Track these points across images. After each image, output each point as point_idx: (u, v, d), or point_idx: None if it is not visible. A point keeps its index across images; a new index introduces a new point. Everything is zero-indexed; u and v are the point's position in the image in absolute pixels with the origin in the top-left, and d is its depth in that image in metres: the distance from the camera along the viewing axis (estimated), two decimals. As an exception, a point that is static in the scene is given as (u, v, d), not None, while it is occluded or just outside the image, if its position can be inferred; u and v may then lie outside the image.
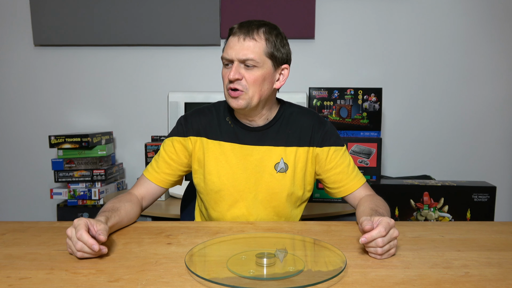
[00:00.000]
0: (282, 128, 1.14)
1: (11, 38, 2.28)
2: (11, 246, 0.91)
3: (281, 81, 1.11)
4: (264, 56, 1.04)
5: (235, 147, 1.13)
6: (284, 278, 0.73)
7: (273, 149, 1.13)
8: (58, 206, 2.09)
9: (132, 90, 2.31)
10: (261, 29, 1.05)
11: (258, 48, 1.03)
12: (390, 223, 0.84)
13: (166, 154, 1.16)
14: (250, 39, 1.03)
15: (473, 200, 1.62)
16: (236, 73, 1.03)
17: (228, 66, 1.07)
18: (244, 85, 1.04)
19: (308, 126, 1.15)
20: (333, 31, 2.24)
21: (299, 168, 1.14)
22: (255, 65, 1.03)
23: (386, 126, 2.29)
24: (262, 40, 1.04)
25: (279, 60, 1.08)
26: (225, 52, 1.06)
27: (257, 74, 1.04)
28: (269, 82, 1.07)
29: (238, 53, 1.03)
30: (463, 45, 2.24)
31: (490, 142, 2.29)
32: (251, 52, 1.03)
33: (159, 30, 2.23)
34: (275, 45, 1.06)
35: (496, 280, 0.74)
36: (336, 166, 1.14)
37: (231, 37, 1.06)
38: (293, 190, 1.14)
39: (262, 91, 1.06)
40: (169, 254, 0.85)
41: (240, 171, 1.12)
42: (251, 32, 1.04)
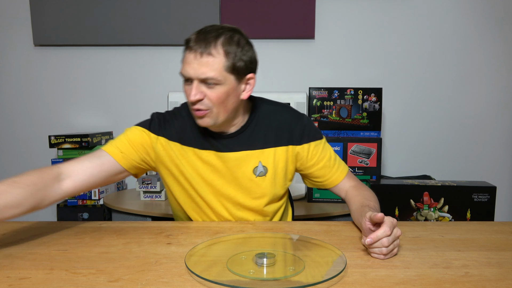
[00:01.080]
0: (257, 130, 1.09)
1: (11, 38, 2.29)
2: (11, 246, 0.91)
3: (248, 91, 1.03)
4: (225, 72, 0.96)
5: (211, 154, 1.07)
6: (284, 278, 0.73)
7: (249, 154, 1.08)
8: (58, 206, 2.09)
9: (132, 90, 2.31)
10: (219, 41, 0.95)
11: (217, 64, 0.94)
12: (394, 222, 0.84)
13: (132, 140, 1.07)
14: (208, 55, 0.94)
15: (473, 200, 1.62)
16: (197, 94, 0.96)
17: (188, 83, 0.98)
18: (207, 104, 0.97)
19: (285, 123, 1.10)
20: (333, 31, 2.24)
21: (280, 168, 1.10)
22: (216, 83, 0.95)
23: (386, 126, 2.29)
24: (221, 54, 0.94)
25: (242, 71, 0.99)
26: (183, 68, 0.97)
27: (220, 92, 0.96)
28: (234, 96, 0.99)
29: (197, 72, 0.94)
30: (463, 45, 2.24)
31: (490, 142, 2.29)
32: (210, 70, 0.94)
33: (159, 30, 2.23)
34: (236, 56, 0.96)
35: (496, 280, 0.74)
36: (318, 161, 1.12)
37: (187, 51, 0.96)
38: (275, 192, 1.11)
39: (228, 107, 1.00)
40: (169, 254, 0.85)
41: (218, 179, 1.08)
42: (208, 46, 0.94)
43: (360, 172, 1.93)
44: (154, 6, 2.21)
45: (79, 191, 1.01)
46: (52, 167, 0.98)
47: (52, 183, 0.95)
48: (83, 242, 0.93)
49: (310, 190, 1.96)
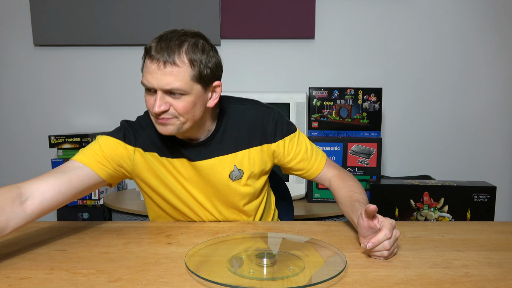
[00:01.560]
0: (227, 134, 1.05)
1: (11, 38, 2.28)
2: (11, 246, 0.91)
3: (215, 99, 0.98)
4: (191, 82, 0.91)
5: (184, 162, 1.03)
6: (284, 278, 0.73)
7: (222, 159, 1.04)
8: (58, 206, 2.09)
9: (132, 90, 2.31)
10: (183, 49, 0.90)
11: (183, 74, 0.89)
12: (393, 223, 0.84)
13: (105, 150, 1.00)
14: (172, 65, 0.88)
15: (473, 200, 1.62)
16: (161, 105, 0.90)
17: (150, 93, 0.93)
18: (173, 113, 0.92)
19: (255, 122, 1.06)
20: (333, 31, 2.24)
21: (257, 168, 1.08)
22: (182, 93, 0.90)
23: (386, 126, 2.29)
24: (186, 64, 0.90)
25: (209, 79, 0.95)
26: (145, 78, 0.91)
27: (186, 101, 0.91)
28: (201, 104, 0.95)
29: (161, 83, 0.89)
30: (463, 45, 2.24)
31: (490, 142, 2.29)
32: (176, 80, 0.89)
33: (159, 30, 2.22)
34: (202, 64, 0.92)
35: (496, 280, 0.74)
36: (295, 155, 1.10)
37: (148, 60, 0.90)
38: (253, 191, 1.10)
39: (195, 115, 0.95)
40: (169, 254, 0.85)
41: (195, 188, 1.06)
42: (171, 55, 0.88)
43: (360, 172, 1.93)
44: (154, 6, 2.21)
45: (46, 212, 0.89)
46: (10, 187, 0.85)
47: (11, 207, 0.83)
48: (83, 242, 0.93)
49: (310, 190, 1.96)
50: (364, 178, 1.92)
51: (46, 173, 0.92)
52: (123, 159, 1.02)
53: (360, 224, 0.88)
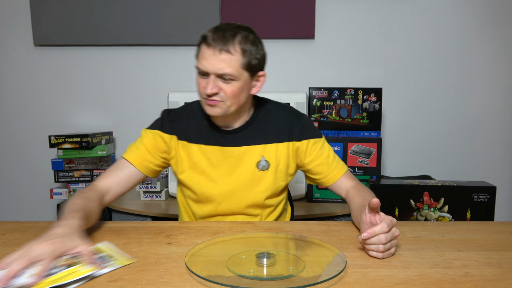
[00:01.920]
0: (260, 127, 1.14)
1: (11, 38, 2.29)
2: (11, 246, 0.91)
3: (258, 87, 1.10)
4: (241, 69, 1.02)
5: (215, 149, 1.12)
6: (284, 278, 0.73)
7: (252, 148, 1.13)
8: (58, 206, 2.09)
9: (132, 90, 2.31)
10: (236, 39, 1.01)
11: (235, 61, 1.00)
12: (393, 221, 0.85)
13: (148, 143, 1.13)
14: (226, 53, 1.00)
15: (473, 200, 1.62)
16: (213, 88, 1.01)
17: (203, 77, 1.04)
18: (222, 96, 1.03)
19: (286, 121, 1.15)
20: (333, 31, 2.24)
21: (282, 164, 1.15)
22: (232, 79, 1.01)
23: (386, 126, 2.29)
24: (238, 52, 1.01)
25: (255, 69, 1.06)
26: (200, 63, 1.03)
27: (235, 86, 1.03)
28: (246, 91, 1.07)
29: (215, 67, 1.00)
30: (463, 45, 2.24)
31: (490, 142, 2.29)
32: (228, 66, 1.00)
33: (159, 30, 2.23)
34: (251, 55, 1.03)
35: (496, 280, 0.74)
36: (316, 158, 1.15)
37: (205, 47, 1.02)
38: (276, 186, 1.15)
39: (240, 100, 1.06)
40: (169, 254, 0.85)
41: (222, 172, 1.13)
42: (226, 43, 1.00)
43: (360, 172, 1.93)
44: (154, 6, 2.21)
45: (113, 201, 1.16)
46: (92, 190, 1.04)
47: (99, 207, 1.03)
48: (83, 242, 0.92)
49: (310, 190, 1.96)
50: (364, 178, 1.92)
51: (108, 170, 1.13)
52: (164, 148, 1.14)
53: (363, 219, 0.89)
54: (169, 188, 1.98)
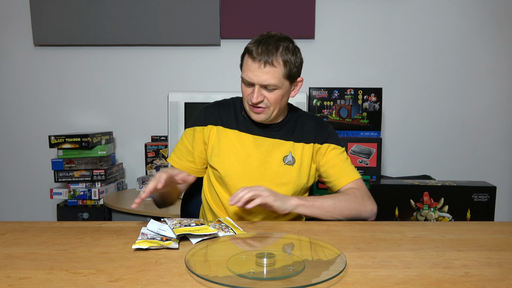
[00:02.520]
0: (291, 128, 1.23)
1: (11, 38, 2.28)
2: (11, 246, 0.91)
3: (296, 91, 1.20)
4: (283, 79, 1.11)
5: (249, 137, 1.21)
6: (284, 278, 0.73)
7: (282, 143, 1.21)
8: (58, 206, 2.09)
9: (132, 90, 2.31)
10: (279, 51, 1.09)
11: (278, 73, 1.10)
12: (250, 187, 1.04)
13: (187, 143, 1.24)
14: (270, 66, 1.09)
15: (473, 200, 1.62)
16: (258, 97, 1.11)
17: (248, 85, 1.13)
18: (266, 103, 1.13)
19: (314, 127, 1.24)
20: (333, 31, 2.24)
21: (305, 163, 1.22)
22: (275, 88, 1.11)
23: (386, 126, 2.29)
24: (281, 64, 1.10)
25: (295, 76, 1.15)
26: (245, 74, 1.12)
27: (278, 94, 1.12)
28: (287, 96, 1.17)
29: (260, 79, 1.09)
30: (463, 45, 2.24)
31: (490, 142, 2.29)
32: (272, 78, 1.09)
33: (159, 30, 2.23)
34: (292, 64, 1.12)
35: (496, 280, 0.74)
36: (332, 160, 1.22)
37: (250, 60, 1.10)
38: (298, 182, 1.21)
39: (282, 105, 1.16)
40: (169, 254, 0.85)
41: (251, 159, 1.20)
42: (270, 57, 1.08)
43: (360, 172, 1.93)
44: (154, 6, 2.21)
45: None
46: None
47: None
48: (83, 242, 0.93)
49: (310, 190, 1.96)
50: (364, 178, 1.92)
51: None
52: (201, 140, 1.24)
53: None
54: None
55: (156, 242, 0.89)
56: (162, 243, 0.88)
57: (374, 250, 0.88)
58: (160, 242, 0.89)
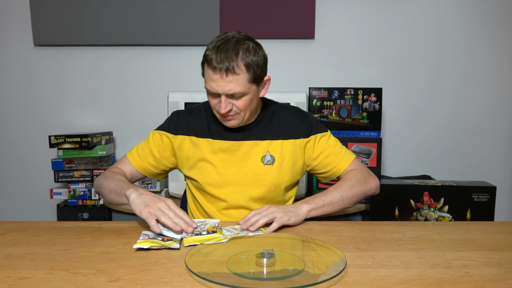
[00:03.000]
0: (266, 126, 1.19)
1: (11, 38, 2.28)
2: (11, 246, 0.91)
3: (265, 90, 1.15)
4: (249, 84, 1.06)
5: (223, 143, 1.17)
6: (284, 278, 0.73)
7: (258, 143, 1.18)
8: (58, 206, 2.09)
9: (132, 90, 2.31)
10: (239, 56, 1.03)
11: (242, 79, 1.04)
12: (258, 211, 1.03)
13: (153, 146, 1.21)
14: (233, 74, 1.03)
15: (473, 200, 1.62)
16: (226, 106, 1.06)
17: (214, 95, 1.08)
18: (235, 110, 1.09)
19: (292, 120, 1.20)
20: (333, 31, 2.24)
21: (287, 159, 1.18)
22: (242, 95, 1.06)
23: (386, 126, 2.29)
24: (244, 70, 1.04)
25: (261, 77, 1.10)
26: (208, 85, 1.07)
27: (246, 99, 1.07)
28: (256, 98, 1.12)
29: (224, 89, 1.04)
30: (463, 45, 2.24)
31: (490, 142, 2.29)
32: (237, 86, 1.04)
33: (159, 30, 2.23)
34: (255, 66, 1.06)
35: (496, 280, 0.74)
36: (324, 149, 1.20)
37: (210, 71, 1.04)
38: (281, 181, 1.18)
39: (252, 108, 1.12)
40: (169, 254, 0.85)
41: (229, 165, 1.17)
42: (231, 64, 1.02)
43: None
44: (154, 6, 2.21)
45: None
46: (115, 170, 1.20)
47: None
48: (83, 242, 0.93)
49: (310, 190, 1.96)
50: (364, 178, 1.92)
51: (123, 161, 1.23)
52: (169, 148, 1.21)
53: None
54: (169, 188, 1.98)
55: (157, 242, 0.89)
56: (163, 243, 0.88)
57: (374, 250, 0.88)
58: (161, 242, 0.89)
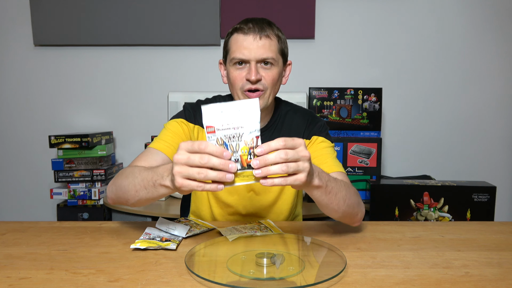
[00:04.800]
0: (278, 127, 1.14)
1: (11, 38, 2.28)
2: (11, 246, 0.91)
3: (286, 77, 1.12)
4: (278, 54, 1.04)
5: None
6: (284, 278, 0.73)
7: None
8: (58, 206, 2.09)
9: (132, 90, 2.31)
10: (271, 26, 1.04)
11: (274, 46, 1.02)
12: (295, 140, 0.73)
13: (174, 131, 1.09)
14: (266, 38, 1.01)
15: (473, 200, 1.62)
16: (257, 73, 1.01)
17: (241, 67, 1.03)
18: (264, 84, 1.03)
19: (302, 122, 1.15)
20: (333, 31, 2.24)
21: None
22: (273, 63, 1.02)
23: (386, 126, 2.29)
24: (275, 37, 1.03)
25: (286, 56, 1.09)
26: (239, 52, 1.01)
27: (275, 72, 1.03)
28: (280, 79, 1.08)
29: (257, 53, 1.00)
30: (463, 45, 2.24)
31: (490, 142, 2.29)
32: (269, 51, 1.01)
33: (159, 30, 2.23)
34: (284, 42, 1.06)
35: (496, 280, 0.74)
36: (318, 150, 1.10)
37: (242, 36, 1.01)
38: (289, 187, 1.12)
39: (276, 89, 1.07)
40: (169, 254, 0.85)
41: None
42: (264, 29, 1.01)
43: (360, 172, 1.93)
44: (154, 6, 2.21)
45: None
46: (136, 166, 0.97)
47: None
48: (83, 242, 0.93)
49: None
50: (364, 178, 1.92)
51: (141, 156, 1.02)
52: (187, 134, 1.11)
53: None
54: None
55: (154, 243, 0.89)
56: (161, 243, 0.88)
57: (374, 250, 0.88)
58: (159, 242, 0.89)
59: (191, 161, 0.70)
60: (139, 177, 0.86)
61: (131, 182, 0.88)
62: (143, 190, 0.85)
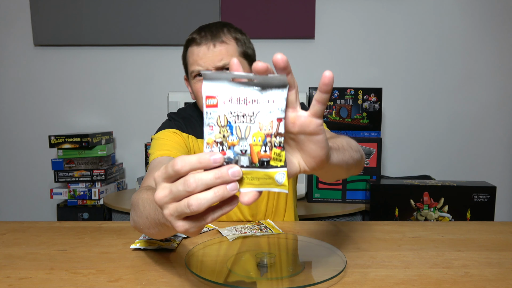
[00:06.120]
0: None
1: (11, 38, 2.28)
2: (11, 246, 0.91)
3: None
4: (240, 57, 0.99)
5: None
6: (284, 278, 0.73)
7: None
8: (58, 206, 2.09)
9: (132, 90, 2.31)
10: (225, 30, 0.98)
11: (232, 50, 0.97)
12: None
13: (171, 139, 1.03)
14: (221, 44, 0.95)
15: (473, 200, 1.62)
16: None
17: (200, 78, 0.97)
18: None
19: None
20: (333, 31, 2.24)
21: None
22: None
23: (386, 126, 2.29)
24: (232, 41, 0.97)
25: (252, 56, 1.03)
26: (196, 64, 0.97)
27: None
28: None
29: (214, 61, 0.95)
30: (463, 45, 2.24)
31: (490, 142, 2.29)
32: (227, 56, 0.95)
33: (159, 30, 2.23)
34: (245, 44, 1.00)
35: (496, 280, 0.74)
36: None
37: (195, 48, 0.97)
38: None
39: None
40: (169, 254, 0.85)
41: None
42: (217, 35, 0.96)
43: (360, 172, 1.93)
44: (154, 6, 2.21)
45: None
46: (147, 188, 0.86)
47: None
48: (83, 242, 0.93)
49: (310, 190, 1.96)
50: (364, 178, 1.92)
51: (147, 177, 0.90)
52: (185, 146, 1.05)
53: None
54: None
55: (154, 243, 0.89)
56: (160, 243, 0.88)
57: (374, 250, 0.88)
58: (159, 242, 0.89)
59: (175, 194, 0.47)
60: (144, 213, 0.68)
61: (140, 217, 0.71)
62: (154, 229, 0.66)
